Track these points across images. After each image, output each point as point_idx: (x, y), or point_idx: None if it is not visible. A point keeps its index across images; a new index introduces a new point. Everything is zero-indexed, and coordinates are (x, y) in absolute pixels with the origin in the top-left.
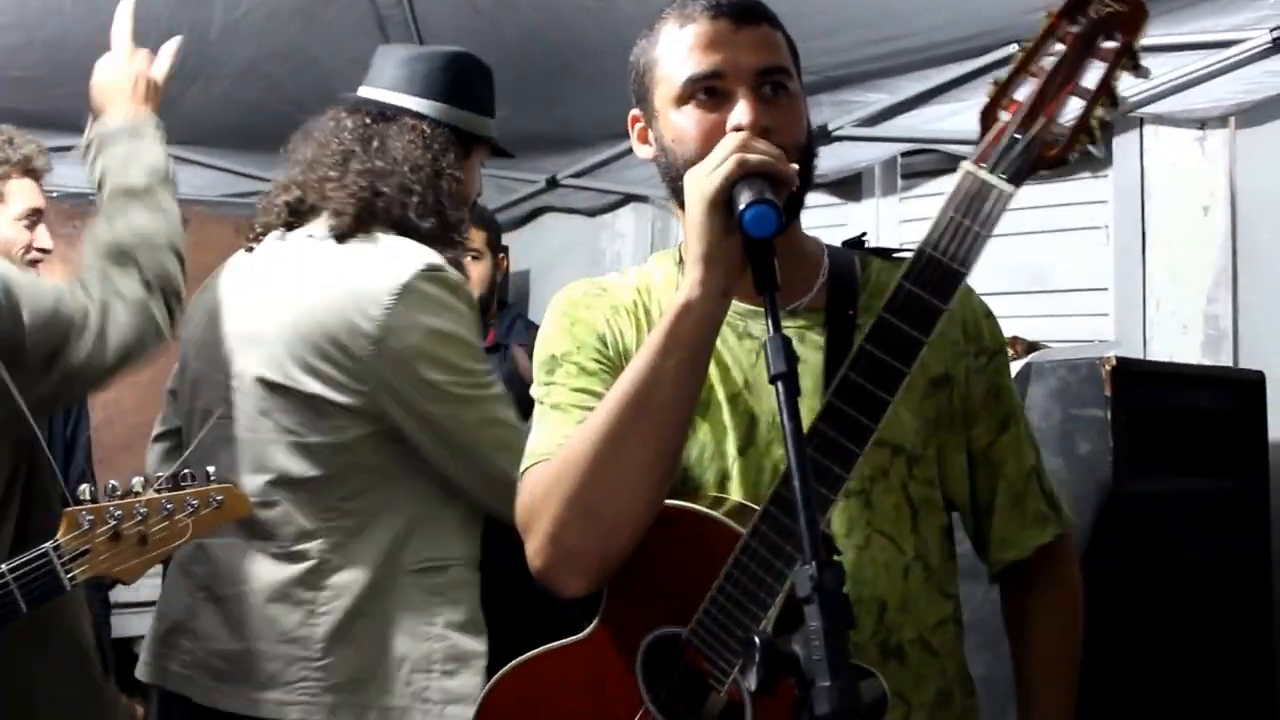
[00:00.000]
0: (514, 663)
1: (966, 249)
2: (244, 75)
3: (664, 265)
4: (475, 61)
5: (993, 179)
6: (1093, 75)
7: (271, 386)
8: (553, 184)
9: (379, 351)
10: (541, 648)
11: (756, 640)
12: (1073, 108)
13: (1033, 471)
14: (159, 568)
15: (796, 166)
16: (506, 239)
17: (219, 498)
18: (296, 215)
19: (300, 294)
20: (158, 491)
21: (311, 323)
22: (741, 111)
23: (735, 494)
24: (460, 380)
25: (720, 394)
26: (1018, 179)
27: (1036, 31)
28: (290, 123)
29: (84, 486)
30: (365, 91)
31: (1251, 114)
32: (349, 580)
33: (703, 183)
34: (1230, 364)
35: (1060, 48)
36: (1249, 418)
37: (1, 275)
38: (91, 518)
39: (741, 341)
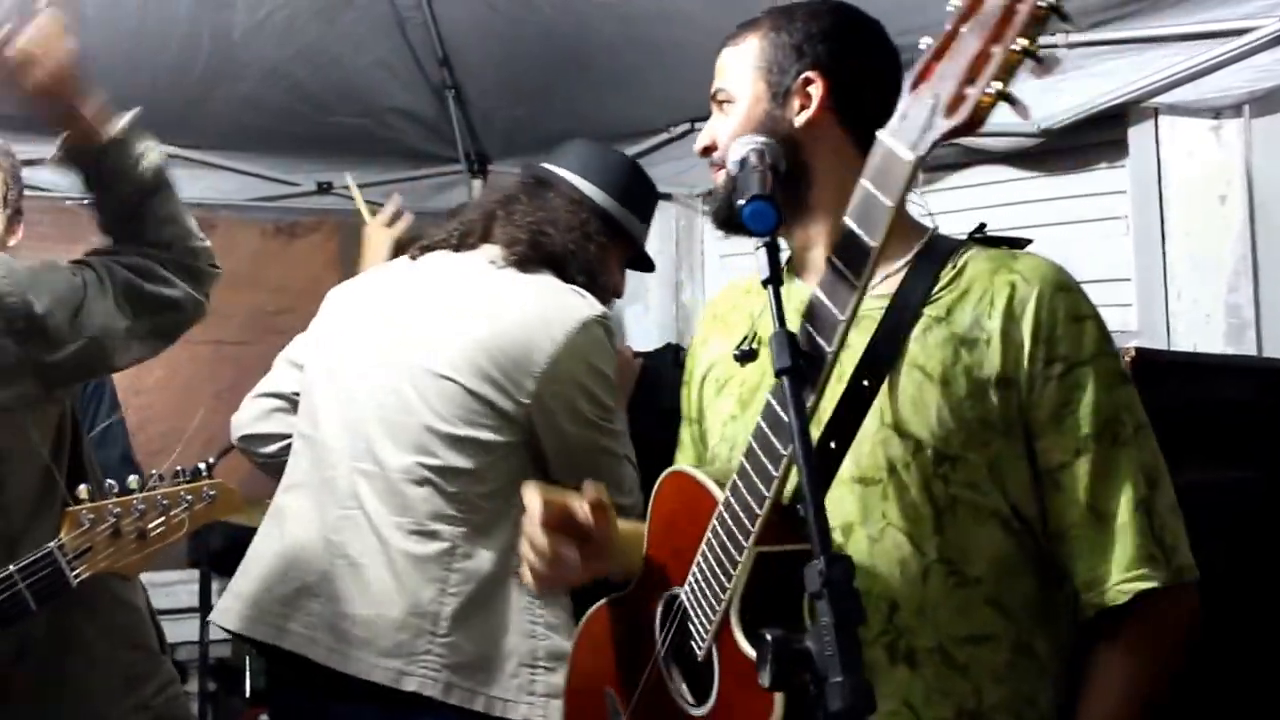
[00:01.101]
0: (594, 607)
1: (870, 216)
2: (266, 78)
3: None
4: (642, 172)
5: (897, 147)
6: (1013, 32)
7: (443, 379)
8: None
9: (549, 372)
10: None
11: (769, 637)
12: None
13: (1141, 505)
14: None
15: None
16: None
17: (211, 493)
18: (463, 242)
19: (490, 308)
20: (153, 489)
21: (498, 333)
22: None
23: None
24: (599, 413)
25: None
26: (921, 146)
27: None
28: (312, 124)
29: (82, 486)
30: (553, 167)
31: (1265, 102)
32: (474, 569)
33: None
34: (1254, 353)
35: (990, 9)
36: (1273, 407)
37: (4, 262)
38: (92, 516)
39: None
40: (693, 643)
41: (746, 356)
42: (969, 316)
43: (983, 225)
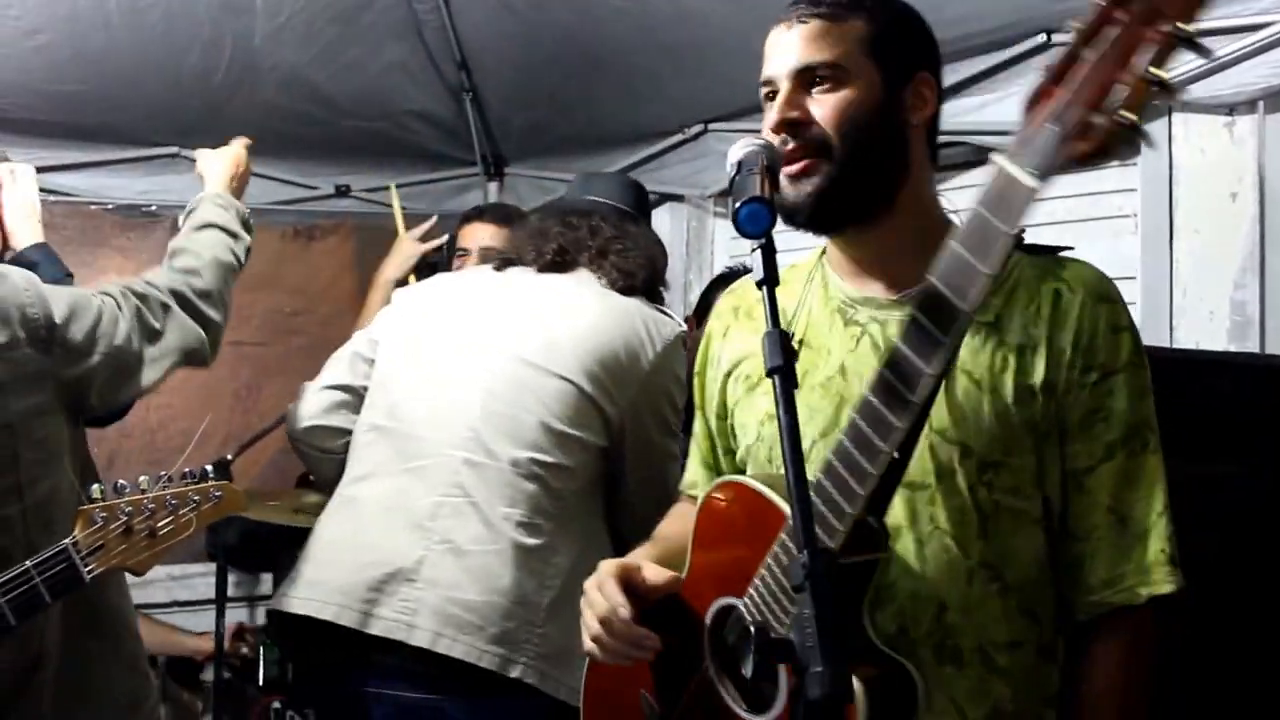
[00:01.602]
0: None
1: (983, 242)
2: (286, 82)
3: (813, 253)
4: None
5: (1019, 173)
6: (1144, 60)
7: (559, 379)
8: None
9: (646, 379)
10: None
11: (752, 629)
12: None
13: (1163, 513)
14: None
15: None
16: None
17: (218, 494)
18: (552, 264)
19: (597, 320)
20: (163, 489)
21: (605, 343)
22: (768, 114)
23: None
24: (674, 420)
25: (817, 377)
26: (1046, 173)
27: (1065, 22)
28: (330, 128)
29: (95, 485)
30: (597, 198)
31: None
32: (563, 564)
33: None
34: (1257, 350)
35: (1112, 33)
36: (1276, 404)
37: (25, 275)
38: (104, 515)
39: (848, 328)
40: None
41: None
42: (1017, 323)
43: (1022, 231)
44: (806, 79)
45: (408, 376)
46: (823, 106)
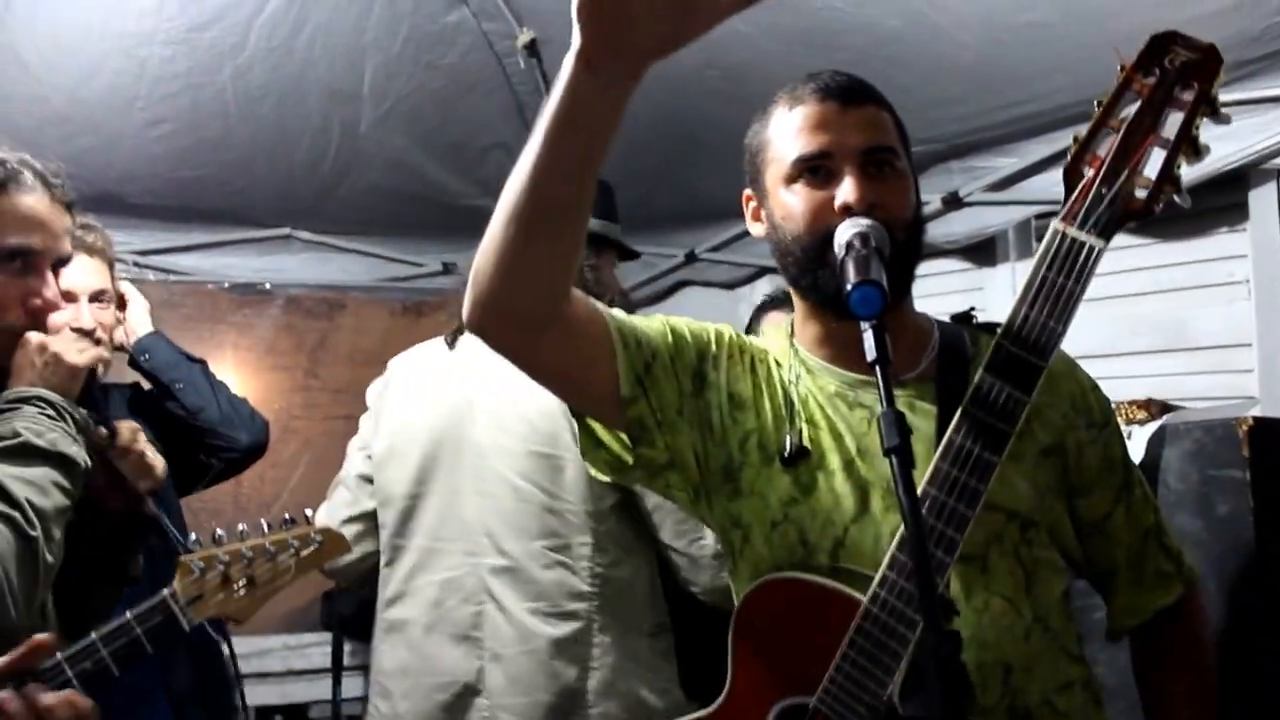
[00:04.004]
0: None
1: (1057, 303)
2: (392, 165)
3: (778, 336)
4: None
5: (1083, 235)
6: (1173, 125)
7: (543, 458)
8: (691, 258)
9: None
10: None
11: (881, 709)
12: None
13: (1151, 532)
14: None
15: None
16: (649, 312)
17: (318, 538)
18: None
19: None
20: (261, 537)
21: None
22: (848, 189)
23: (851, 560)
24: None
25: (834, 461)
26: (1108, 233)
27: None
28: (436, 207)
29: (193, 535)
30: None
31: None
32: (610, 640)
33: None
34: None
35: (1137, 100)
36: None
37: None
38: (202, 564)
39: (853, 411)
40: None
41: (797, 457)
42: None
43: (971, 309)
44: (869, 161)
45: (409, 490)
46: (889, 191)
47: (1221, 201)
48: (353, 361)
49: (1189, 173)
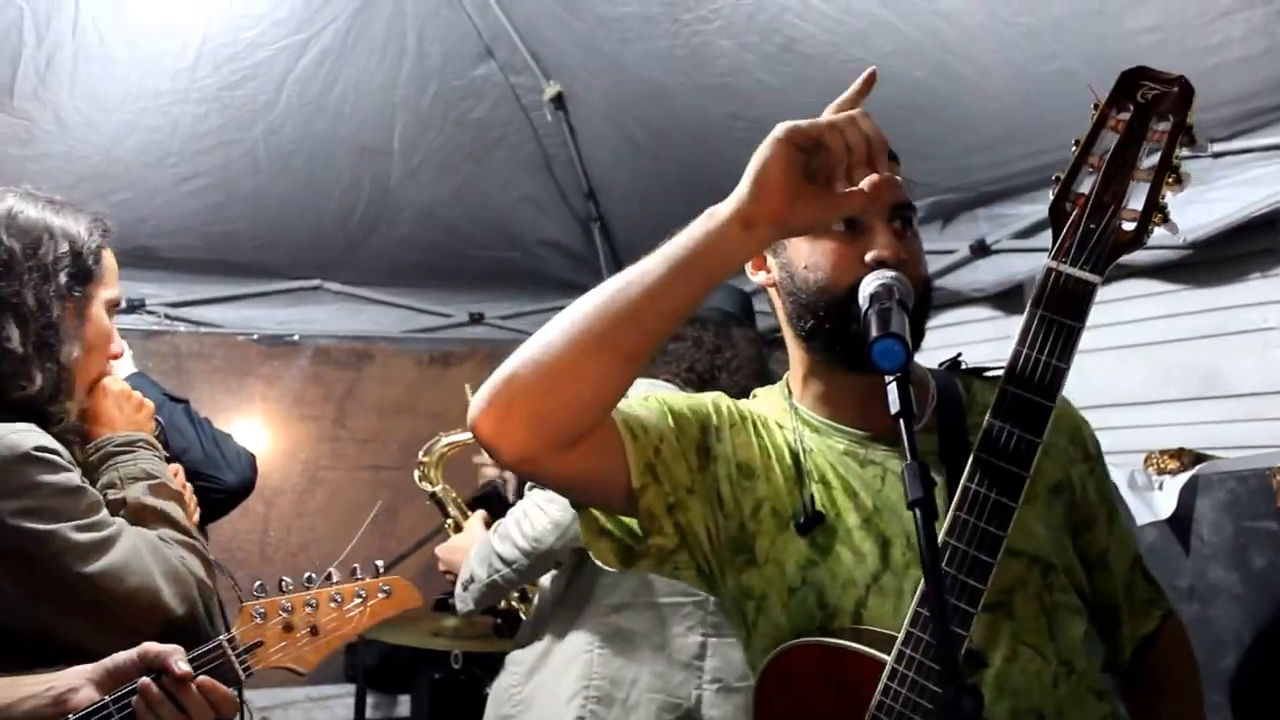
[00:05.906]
0: None
1: (1058, 341)
2: (421, 218)
3: (772, 398)
4: None
5: (1077, 271)
6: (1152, 157)
7: None
8: None
9: None
10: None
11: None
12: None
13: (1136, 560)
14: None
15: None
16: None
17: (387, 588)
18: (688, 379)
19: None
20: (326, 585)
21: None
22: (884, 243)
23: (873, 618)
24: None
25: (852, 520)
26: (1100, 268)
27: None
28: (464, 259)
29: (258, 582)
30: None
31: None
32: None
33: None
34: None
35: (1115, 136)
36: None
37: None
38: (263, 610)
39: (865, 468)
40: None
41: (811, 523)
42: None
43: (958, 355)
44: (895, 216)
45: None
46: (910, 248)
47: (1253, 247)
48: (380, 412)
49: (1219, 220)
